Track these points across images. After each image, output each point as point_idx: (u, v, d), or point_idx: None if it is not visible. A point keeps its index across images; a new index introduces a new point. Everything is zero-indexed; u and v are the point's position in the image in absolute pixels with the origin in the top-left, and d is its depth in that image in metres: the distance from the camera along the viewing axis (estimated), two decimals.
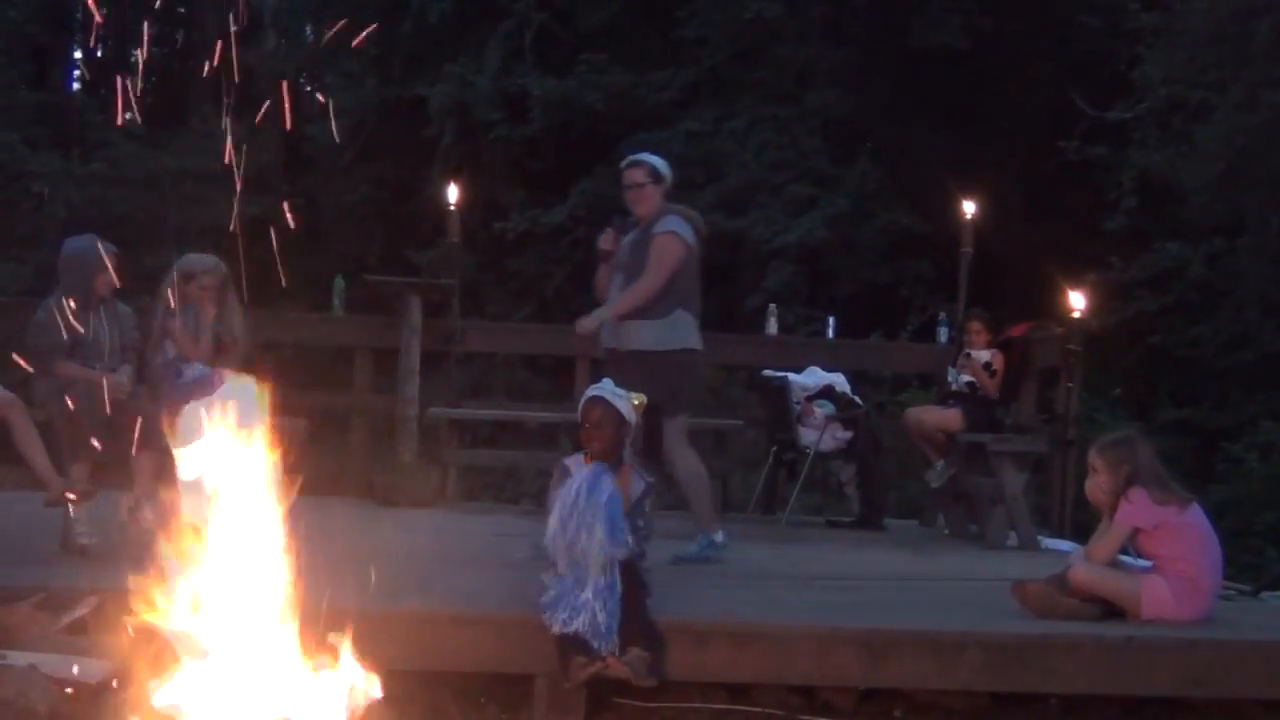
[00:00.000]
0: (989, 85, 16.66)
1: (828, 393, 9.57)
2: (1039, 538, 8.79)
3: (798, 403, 9.55)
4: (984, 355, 9.27)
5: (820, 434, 9.39)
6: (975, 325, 9.41)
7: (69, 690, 4.54)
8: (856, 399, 9.75)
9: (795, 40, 16.97)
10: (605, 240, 7.39)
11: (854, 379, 10.09)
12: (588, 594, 5.08)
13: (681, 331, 7.12)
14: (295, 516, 4.03)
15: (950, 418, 9.21)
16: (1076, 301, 9.45)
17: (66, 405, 6.65)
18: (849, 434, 9.49)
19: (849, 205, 16.11)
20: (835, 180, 16.44)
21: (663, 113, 17.35)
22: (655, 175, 7.23)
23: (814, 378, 9.69)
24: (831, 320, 11.31)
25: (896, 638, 5.45)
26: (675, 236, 7.08)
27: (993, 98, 16.75)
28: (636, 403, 5.68)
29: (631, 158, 7.38)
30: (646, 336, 7.05)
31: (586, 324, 7.17)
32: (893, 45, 16.41)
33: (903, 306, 15.47)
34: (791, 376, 9.70)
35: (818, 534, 9.17)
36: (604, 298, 7.33)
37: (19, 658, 4.65)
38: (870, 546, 8.53)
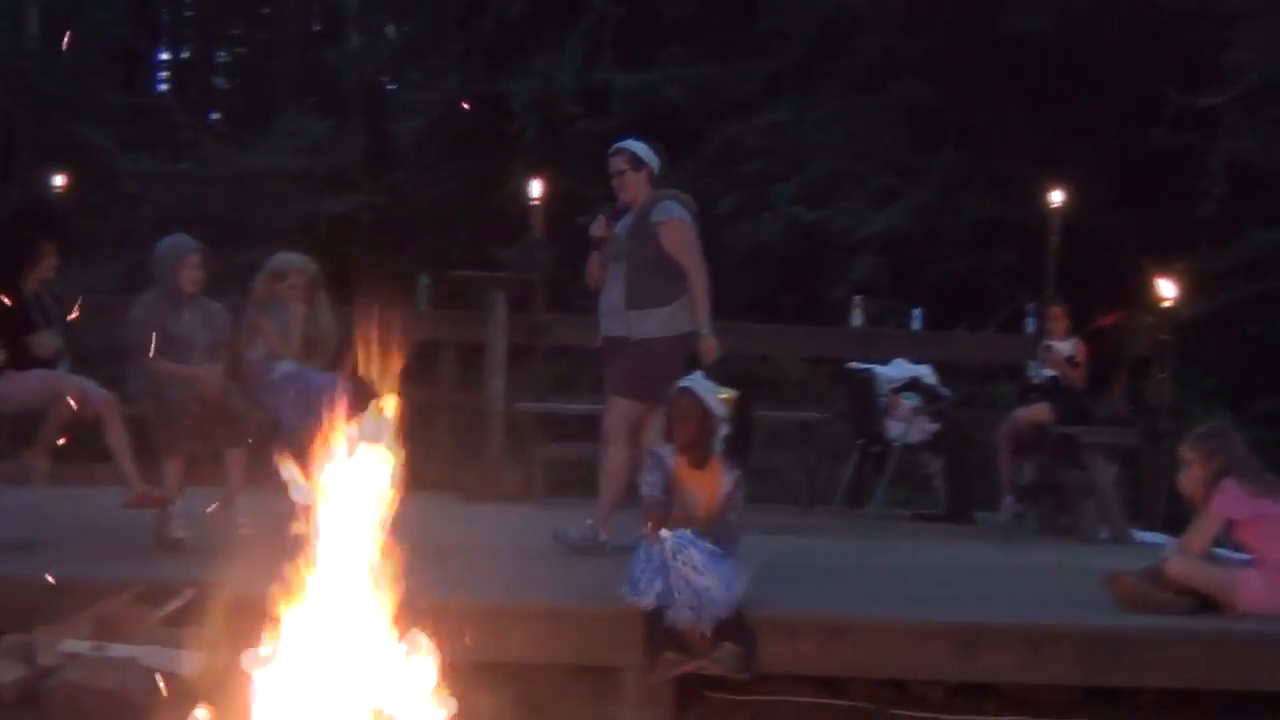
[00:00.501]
0: (1075, 72, 16.42)
1: (914, 385, 9.51)
2: (1131, 530, 8.69)
3: (884, 395, 9.51)
4: (1065, 347, 9.15)
5: (907, 426, 9.35)
6: (1055, 311, 9.33)
7: (167, 681, 4.61)
8: (943, 391, 9.68)
9: (878, 29, 16.84)
10: (597, 227, 7.24)
11: (940, 371, 10.01)
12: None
13: (684, 317, 7.02)
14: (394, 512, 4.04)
15: (1039, 411, 9.11)
16: (1166, 290, 9.31)
17: (159, 402, 6.76)
18: (936, 426, 9.44)
19: (934, 195, 15.96)
20: (920, 170, 16.29)
21: (744, 105, 17.27)
22: (635, 161, 7.12)
23: (899, 370, 9.65)
24: (918, 312, 11.20)
25: (988, 631, 5.41)
26: (683, 223, 7.02)
27: (1079, 85, 16.50)
28: (725, 397, 5.67)
29: (616, 145, 7.27)
30: (657, 324, 6.94)
31: (714, 346, 6.88)
32: (978, 32, 16.23)
33: (990, 297, 15.30)
34: (877, 369, 9.66)
35: (906, 527, 9.13)
36: (598, 286, 7.23)
37: (118, 649, 4.73)
38: (959, 539, 8.47)
